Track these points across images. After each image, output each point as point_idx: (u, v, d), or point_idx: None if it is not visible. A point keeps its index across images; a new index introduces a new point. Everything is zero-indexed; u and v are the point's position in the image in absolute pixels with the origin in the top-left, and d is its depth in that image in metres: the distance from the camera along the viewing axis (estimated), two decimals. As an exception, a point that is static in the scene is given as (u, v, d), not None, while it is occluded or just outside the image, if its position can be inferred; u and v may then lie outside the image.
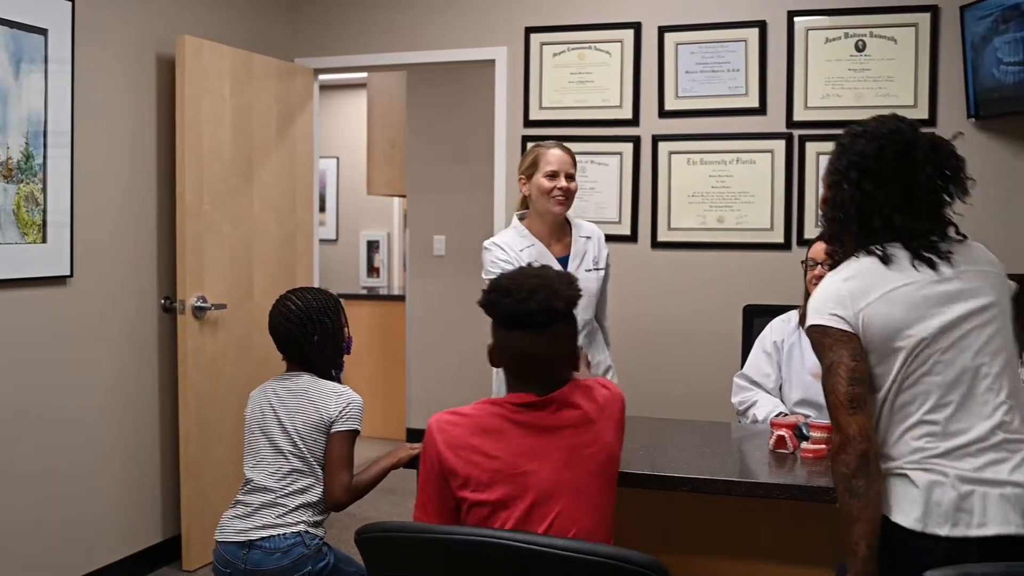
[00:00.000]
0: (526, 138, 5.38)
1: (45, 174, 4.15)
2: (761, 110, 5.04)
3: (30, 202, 4.08)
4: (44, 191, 4.15)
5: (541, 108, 5.39)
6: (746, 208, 5.05)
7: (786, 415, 3.54)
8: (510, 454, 2.25)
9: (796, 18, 5.00)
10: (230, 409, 4.83)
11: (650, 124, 5.22)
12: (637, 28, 5.22)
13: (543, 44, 5.37)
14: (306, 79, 5.70)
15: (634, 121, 5.24)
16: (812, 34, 4.99)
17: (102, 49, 4.50)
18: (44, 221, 4.16)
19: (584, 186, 5.27)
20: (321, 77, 6.04)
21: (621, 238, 5.19)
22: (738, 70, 5.07)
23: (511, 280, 2.33)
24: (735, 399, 3.90)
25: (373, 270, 11.54)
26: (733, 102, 5.09)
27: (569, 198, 3.86)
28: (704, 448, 3.33)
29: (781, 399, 3.81)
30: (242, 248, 5.16)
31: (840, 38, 4.95)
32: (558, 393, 2.33)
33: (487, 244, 3.95)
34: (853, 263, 2.38)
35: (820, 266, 3.64)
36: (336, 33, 5.79)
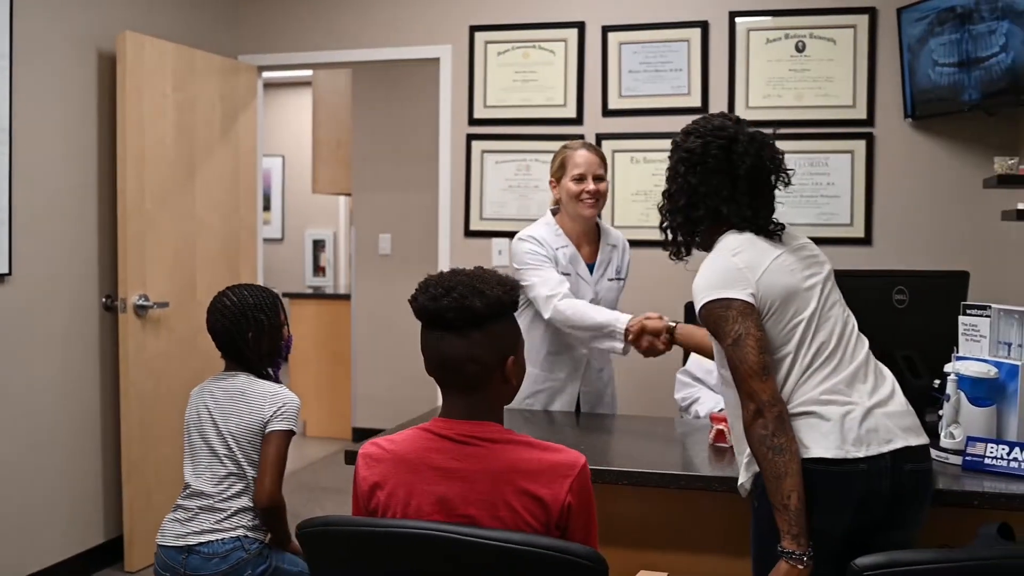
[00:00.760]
0: (470, 136, 5.40)
1: (-17, 171, 4.10)
2: (703, 109, 5.08)
3: (-33, 199, 4.03)
4: (-18, 188, 4.10)
5: (486, 107, 5.40)
6: (688, 206, 5.08)
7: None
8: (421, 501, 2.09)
9: (737, 19, 5.06)
10: (173, 408, 4.80)
11: (594, 123, 5.25)
12: (581, 27, 5.26)
13: (487, 43, 5.39)
14: (249, 76, 5.67)
15: (578, 120, 5.27)
16: (753, 35, 5.05)
17: (41, 45, 4.45)
18: (-18, 218, 4.11)
19: (529, 184, 5.31)
20: (266, 75, 6.02)
21: (565, 236, 5.21)
22: (680, 70, 5.12)
23: (439, 278, 2.15)
24: (678, 395, 3.94)
25: (319, 269, 11.49)
26: (676, 101, 5.13)
27: (599, 200, 3.72)
28: (647, 443, 3.38)
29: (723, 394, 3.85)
30: (185, 246, 5.12)
31: (781, 39, 5.02)
32: (488, 431, 2.10)
33: (521, 235, 3.77)
34: (730, 240, 2.55)
35: None
36: (280, 30, 5.76)
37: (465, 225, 5.44)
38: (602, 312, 3.58)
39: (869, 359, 2.53)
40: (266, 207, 11.66)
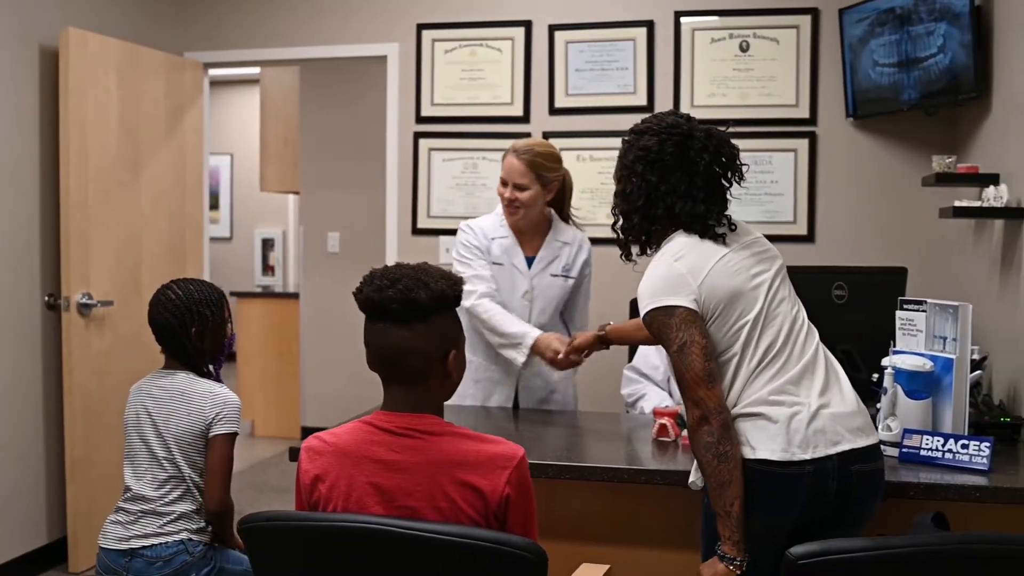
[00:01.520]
0: (418, 134, 5.40)
1: (-79, 167, 4.05)
2: (649, 108, 5.13)
3: (-94, 196, 3.97)
4: (-80, 185, 4.05)
5: (433, 104, 5.41)
6: (634, 204, 5.12)
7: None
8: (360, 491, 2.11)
9: (683, 18, 5.11)
10: (118, 408, 4.68)
11: (541, 121, 5.28)
12: (528, 26, 5.28)
13: (435, 41, 5.40)
14: (195, 73, 5.63)
15: (525, 118, 5.29)
16: (698, 34, 5.10)
17: (-18, 40, 4.40)
18: (-79, 216, 4.05)
19: (476, 182, 5.32)
20: (214, 73, 5.98)
21: (512, 234, 5.23)
22: (627, 68, 5.16)
23: (385, 270, 2.16)
24: (624, 391, 3.97)
25: (268, 268, 11.44)
26: (622, 100, 5.17)
27: (519, 208, 3.68)
28: (591, 438, 3.40)
29: (669, 391, 3.89)
30: (130, 244, 5.08)
31: (725, 38, 5.07)
32: (427, 423, 2.13)
33: (462, 225, 3.84)
34: (674, 243, 2.55)
35: None
36: (226, 27, 5.73)
37: (412, 223, 5.44)
38: (515, 324, 3.62)
39: (819, 354, 2.52)
40: (214, 206, 11.59)
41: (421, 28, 5.42)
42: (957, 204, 3.85)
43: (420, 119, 5.44)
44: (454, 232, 3.94)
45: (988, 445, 2.80)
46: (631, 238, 2.65)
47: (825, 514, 2.41)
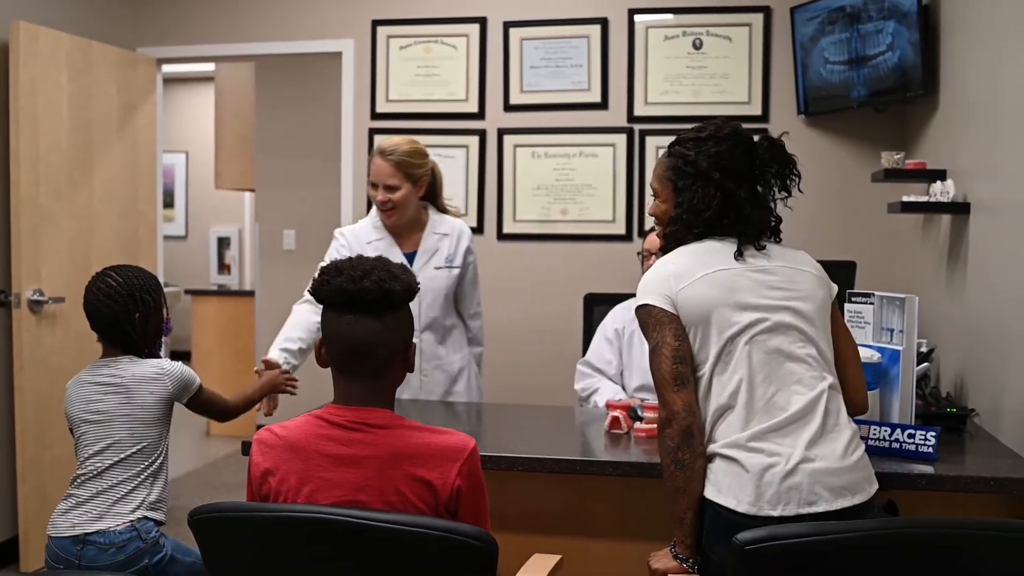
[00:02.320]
0: (373, 131, 5.40)
1: None
2: (603, 105, 5.16)
3: None
4: None
5: (388, 101, 5.41)
6: (589, 200, 5.17)
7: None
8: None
9: (636, 16, 5.14)
10: (70, 405, 4.71)
11: (496, 118, 5.29)
12: (483, 23, 5.29)
13: (390, 37, 5.40)
14: (148, 69, 5.59)
15: (480, 115, 5.30)
16: (652, 32, 5.13)
17: (-71, 34, 4.35)
18: None
19: (432, 179, 5.31)
20: (169, 70, 5.94)
21: (467, 230, 5.25)
22: (581, 66, 5.18)
23: (346, 262, 2.17)
24: (578, 386, 3.98)
25: (224, 267, 11.35)
26: (576, 97, 5.20)
27: (395, 209, 3.72)
28: (544, 430, 3.42)
29: (622, 385, 3.91)
30: (81, 240, 5.04)
31: (678, 36, 5.11)
32: (377, 417, 2.13)
33: (335, 233, 3.93)
34: (680, 250, 2.50)
35: (654, 256, 3.77)
36: (180, 22, 5.69)
37: (368, 219, 5.43)
38: (285, 335, 3.73)
39: (819, 403, 2.35)
40: (169, 204, 11.50)
41: (376, 24, 5.42)
42: (905, 199, 3.90)
43: (375, 115, 5.43)
44: (408, 229, 3.96)
45: (934, 434, 2.84)
46: (678, 239, 2.55)
47: None
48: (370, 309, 2.10)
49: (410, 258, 3.78)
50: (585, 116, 5.20)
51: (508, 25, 5.26)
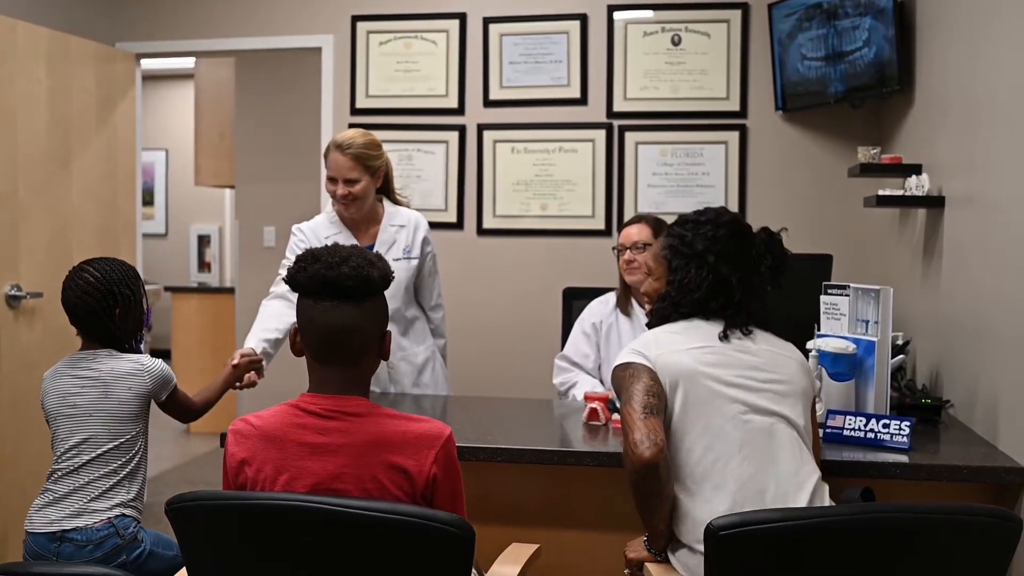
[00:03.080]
0: (352, 126, 5.36)
1: None
2: (582, 100, 5.18)
3: None
4: None
5: (368, 96, 5.41)
6: (568, 196, 5.18)
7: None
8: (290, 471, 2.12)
9: (615, 12, 5.16)
10: (48, 401, 4.69)
11: (475, 113, 5.30)
12: (462, 18, 5.30)
13: (369, 32, 5.40)
14: (127, 64, 5.58)
15: (459, 110, 5.31)
16: (631, 28, 5.15)
17: (-94, 28, 4.32)
18: None
19: (411, 174, 5.33)
20: (148, 67, 5.92)
21: (447, 225, 5.26)
22: (560, 61, 5.20)
23: (323, 249, 2.17)
24: (556, 380, 4.00)
25: (204, 265, 11.32)
26: (556, 92, 5.21)
27: (354, 202, 3.73)
28: (522, 422, 3.43)
29: (600, 379, 3.93)
30: (60, 236, 5.02)
31: (657, 32, 5.13)
32: (353, 405, 2.14)
33: (293, 228, 3.96)
34: (667, 326, 2.56)
35: (630, 251, 3.79)
36: (159, 18, 5.68)
37: (348, 215, 5.43)
38: (259, 327, 3.83)
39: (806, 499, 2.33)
40: (149, 202, 11.46)
41: (356, 20, 5.42)
42: (881, 193, 3.93)
43: (355, 111, 5.43)
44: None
45: (908, 424, 2.87)
46: (664, 316, 2.60)
47: None
48: (348, 295, 2.11)
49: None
50: (564, 112, 5.21)
51: (488, 21, 5.27)
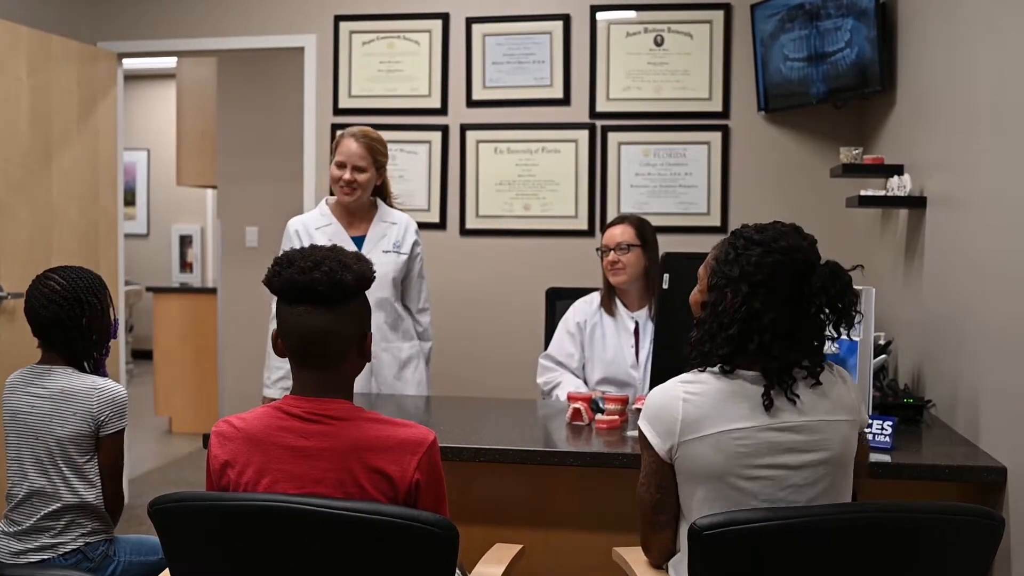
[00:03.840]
0: (335, 126, 5.38)
1: None
2: (565, 101, 5.18)
3: None
4: None
5: (351, 96, 5.40)
6: (551, 196, 5.18)
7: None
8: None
9: (598, 13, 5.16)
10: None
11: (458, 113, 5.29)
12: (445, 18, 5.29)
13: (352, 32, 5.38)
14: (109, 63, 5.55)
15: (442, 110, 5.30)
16: (614, 28, 5.15)
17: None
18: None
19: (393, 174, 5.29)
20: (130, 66, 5.89)
21: (430, 225, 5.24)
22: (543, 62, 5.20)
23: (298, 252, 2.15)
24: (540, 379, 4.00)
25: (186, 265, 11.29)
26: (539, 93, 5.21)
27: (356, 190, 3.89)
28: (506, 423, 3.43)
29: (584, 379, 3.93)
30: (41, 235, 4.99)
31: (640, 33, 5.13)
32: (336, 408, 2.12)
33: (288, 223, 4.08)
34: (704, 379, 2.22)
35: (614, 251, 3.80)
36: (141, 17, 5.65)
37: (331, 215, 5.42)
38: (273, 364, 3.96)
39: None
40: (131, 202, 11.42)
41: (338, 20, 5.40)
42: (863, 193, 3.94)
43: (337, 111, 5.42)
44: (370, 223, 4.00)
45: (891, 424, 2.89)
46: (703, 352, 2.25)
47: None
48: (321, 300, 2.09)
49: (359, 242, 3.94)
50: (547, 112, 5.21)
51: (471, 21, 5.26)
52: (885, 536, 1.96)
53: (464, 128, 5.26)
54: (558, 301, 4.28)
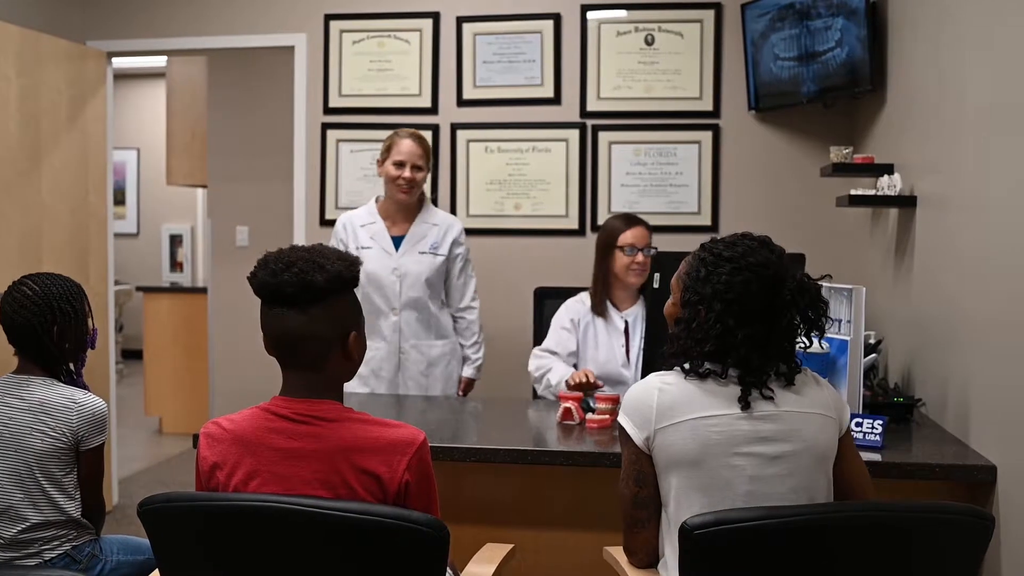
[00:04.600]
0: (325, 125, 5.38)
1: None
2: (556, 100, 5.18)
3: None
4: None
5: (341, 96, 5.39)
6: (542, 195, 5.18)
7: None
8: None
9: (589, 12, 5.16)
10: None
11: (449, 113, 5.29)
12: (436, 18, 5.28)
13: (342, 31, 5.38)
14: (99, 63, 5.54)
15: (433, 109, 5.29)
16: (604, 27, 5.15)
17: None
18: None
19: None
20: (119, 65, 5.88)
21: (421, 225, 5.25)
22: (534, 61, 5.19)
23: (279, 253, 2.12)
24: (532, 366, 3.92)
25: (176, 265, 11.26)
26: (529, 92, 5.20)
27: (414, 188, 4.08)
28: (497, 422, 3.43)
29: (575, 367, 3.90)
30: (31, 235, 4.98)
31: (631, 32, 5.14)
32: (325, 409, 2.11)
33: (339, 218, 4.31)
34: (679, 373, 2.27)
35: (642, 252, 3.77)
36: (131, 16, 5.63)
37: (320, 214, 5.41)
38: None
39: None
40: (121, 201, 11.39)
41: (329, 19, 5.39)
42: (853, 193, 3.95)
43: (328, 110, 5.41)
44: (363, 223, 4.02)
45: (881, 423, 2.89)
46: (682, 357, 2.28)
47: None
48: (292, 302, 2.07)
49: (398, 241, 4.10)
50: (538, 111, 5.21)
51: (461, 20, 5.26)
52: (876, 535, 1.96)
53: (455, 127, 5.26)
54: (546, 301, 4.28)
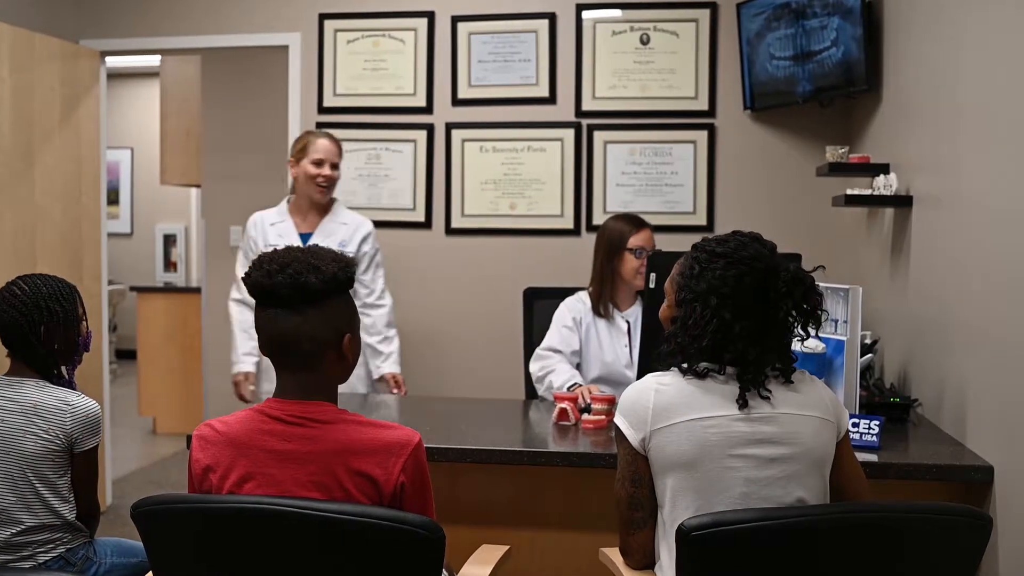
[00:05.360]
0: (320, 125, 5.36)
1: None
2: (551, 99, 5.17)
3: None
4: None
5: (335, 95, 5.37)
6: (537, 195, 5.17)
7: (578, 386, 3.58)
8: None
9: (584, 11, 5.15)
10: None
11: (444, 112, 5.27)
12: (431, 17, 5.27)
13: (337, 31, 5.36)
14: (92, 62, 5.52)
15: (428, 109, 5.28)
16: (599, 27, 5.14)
17: None
18: None
19: (379, 173, 5.31)
20: (114, 64, 5.86)
21: (415, 225, 5.24)
22: (529, 60, 5.18)
23: (273, 254, 2.12)
24: (534, 367, 3.88)
25: (170, 264, 11.24)
26: (524, 91, 5.19)
27: (331, 185, 4.28)
28: (493, 423, 3.42)
29: (578, 367, 3.88)
30: (24, 235, 4.96)
31: (626, 31, 5.13)
32: (319, 411, 2.10)
33: (250, 219, 4.50)
34: (676, 373, 2.28)
35: (646, 254, 3.74)
36: (124, 15, 5.62)
37: (316, 214, 5.40)
38: (243, 345, 4.42)
39: None
40: (114, 201, 11.35)
41: (323, 18, 5.38)
42: (849, 192, 3.94)
43: (322, 110, 5.40)
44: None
45: (878, 423, 2.89)
46: (678, 366, 2.29)
47: None
48: (286, 303, 2.07)
49: (305, 238, 4.29)
50: (533, 111, 5.20)
51: (456, 19, 5.25)
52: (873, 536, 1.96)
53: (449, 127, 5.24)
54: (536, 301, 4.25)
